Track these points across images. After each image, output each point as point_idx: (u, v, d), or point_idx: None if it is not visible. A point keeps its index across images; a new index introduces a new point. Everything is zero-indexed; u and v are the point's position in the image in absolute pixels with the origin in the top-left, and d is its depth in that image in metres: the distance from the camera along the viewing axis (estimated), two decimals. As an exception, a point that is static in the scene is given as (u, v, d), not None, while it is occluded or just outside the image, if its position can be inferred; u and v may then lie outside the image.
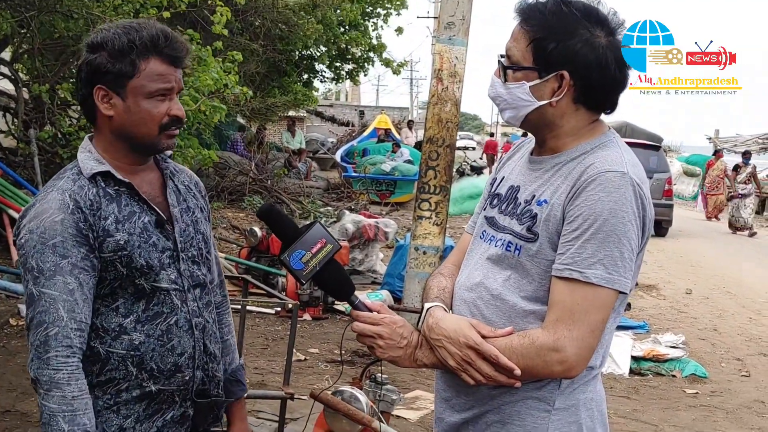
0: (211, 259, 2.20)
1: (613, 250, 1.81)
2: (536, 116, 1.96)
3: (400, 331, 1.95)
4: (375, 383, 3.29)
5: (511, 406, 1.95)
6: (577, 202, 1.84)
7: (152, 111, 1.97)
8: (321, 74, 19.83)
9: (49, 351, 1.84)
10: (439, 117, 7.36)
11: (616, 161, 1.87)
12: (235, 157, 16.56)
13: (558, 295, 1.85)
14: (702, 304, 10.45)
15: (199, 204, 2.19)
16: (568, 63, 1.88)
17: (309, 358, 6.52)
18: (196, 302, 2.08)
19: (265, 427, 4.81)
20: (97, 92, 1.96)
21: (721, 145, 28.88)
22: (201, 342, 2.07)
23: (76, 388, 1.85)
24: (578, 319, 1.81)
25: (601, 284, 1.81)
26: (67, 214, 1.88)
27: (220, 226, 12.45)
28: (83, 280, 1.89)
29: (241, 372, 2.33)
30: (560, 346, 1.81)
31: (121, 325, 1.96)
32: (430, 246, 7.44)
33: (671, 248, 15.50)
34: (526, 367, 1.84)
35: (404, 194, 17.90)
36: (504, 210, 2.03)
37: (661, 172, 17.14)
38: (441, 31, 7.43)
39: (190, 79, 8.00)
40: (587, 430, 1.96)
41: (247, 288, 5.26)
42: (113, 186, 1.98)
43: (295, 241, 1.93)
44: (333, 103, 38.48)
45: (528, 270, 1.93)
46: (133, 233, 1.95)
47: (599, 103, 1.97)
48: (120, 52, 1.93)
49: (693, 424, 5.90)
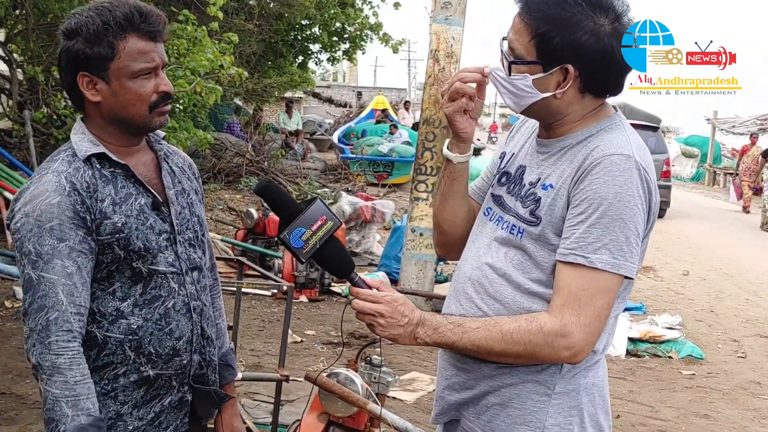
0: (206, 242, 2.18)
1: (618, 234, 1.79)
2: (540, 106, 1.93)
3: (401, 309, 1.92)
4: (371, 365, 3.28)
5: (511, 389, 1.94)
6: (582, 185, 1.82)
7: (139, 91, 1.93)
8: (316, 56, 19.71)
9: (50, 336, 1.81)
10: (436, 98, 7.32)
11: (622, 144, 1.85)
12: (231, 138, 16.49)
13: (563, 280, 1.83)
14: (699, 285, 10.46)
15: (193, 186, 2.16)
16: (572, 56, 1.85)
17: (305, 340, 6.51)
18: (194, 285, 2.06)
19: (260, 408, 4.81)
20: (81, 79, 1.93)
21: (720, 126, 28.87)
22: (199, 325, 2.06)
23: (78, 372, 1.83)
24: (585, 304, 1.80)
25: (607, 269, 1.79)
26: (64, 196, 1.85)
27: (217, 207, 12.43)
28: (81, 263, 1.86)
29: (231, 356, 2.32)
30: (567, 332, 1.80)
31: (118, 309, 1.94)
32: (427, 228, 7.43)
33: (669, 229, 15.50)
34: (533, 350, 1.83)
35: (402, 176, 17.84)
36: (511, 190, 2.02)
37: (659, 153, 17.08)
38: (438, 11, 7.38)
39: (185, 60, 7.96)
40: (588, 416, 1.95)
41: (242, 270, 5.25)
42: (108, 168, 1.95)
43: (295, 218, 1.88)
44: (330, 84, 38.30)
45: (530, 253, 1.92)
46: (130, 215, 1.93)
47: (606, 89, 1.95)
48: (96, 36, 1.89)
49: (689, 405, 5.91)
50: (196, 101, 8.36)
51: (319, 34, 17.78)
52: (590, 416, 1.95)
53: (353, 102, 31.85)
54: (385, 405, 3.24)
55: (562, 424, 1.92)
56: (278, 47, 17.09)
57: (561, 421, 1.92)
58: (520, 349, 1.84)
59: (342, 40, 18.44)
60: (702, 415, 5.71)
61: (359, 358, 3.35)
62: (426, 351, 6.52)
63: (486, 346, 1.87)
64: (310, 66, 20.21)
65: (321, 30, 17.55)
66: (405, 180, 17.41)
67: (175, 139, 8.23)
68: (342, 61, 21.47)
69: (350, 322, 7.02)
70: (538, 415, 1.92)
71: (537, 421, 1.92)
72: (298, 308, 7.45)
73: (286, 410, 4.61)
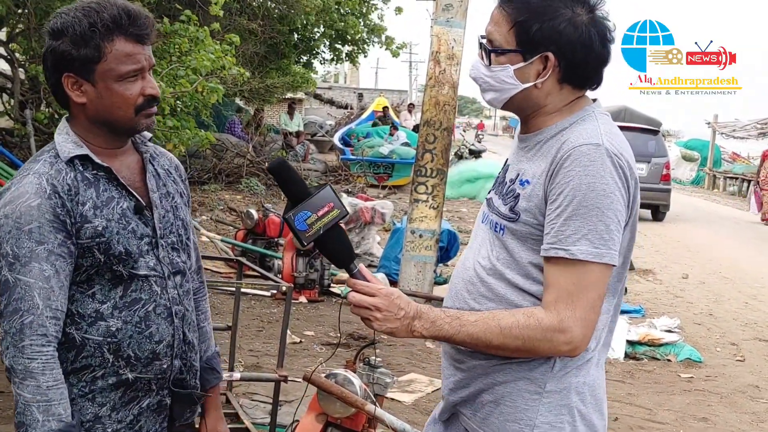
0: (191, 245, 2.15)
1: (597, 224, 1.80)
2: (521, 98, 1.95)
3: (397, 302, 1.91)
4: (369, 366, 3.29)
5: (503, 387, 1.95)
6: (556, 180, 1.84)
7: (125, 94, 1.90)
8: (320, 55, 19.73)
9: (24, 339, 1.79)
10: (437, 100, 7.34)
11: (591, 134, 1.86)
12: (232, 139, 16.50)
13: (551, 275, 1.85)
14: (698, 288, 10.46)
15: (178, 189, 2.13)
16: (552, 44, 1.87)
17: (304, 341, 6.52)
18: (176, 290, 2.03)
19: (259, 409, 4.81)
20: (66, 80, 1.89)
21: (720, 130, 28.87)
22: (180, 330, 2.03)
23: (50, 377, 1.80)
24: (577, 298, 1.81)
25: (589, 259, 1.80)
26: (44, 198, 1.82)
27: (218, 208, 12.44)
28: (60, 266, 1.83)
29: (216, 359, 2.28)
30: (566, 327, 1.82)
31: (97, 311, 1.90)
32: (427, 229, 7.44)
33: (668, 233, 15.51)
34: (532, 345, 1.85)
35: (402, 177, 17.85)
36: (498, 190, 2.05)
37: (659, 157, 17.10)
38: (439, 14, 7.40)
39: (187, 59, 7.97)
40: (579, 415, 1.94)
41: (242, 270, 5.26)
42: (91, 170, 1.92)
43: (303, 201, 1.88)
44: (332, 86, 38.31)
45: (512, 249, 1.94)
46: (111, 219, 1.90)
47: (584, 81, 1.96)
48: (82, 37, 1.85)
49: (687, 408, 5.92)
50: (198, 100, 8.37)
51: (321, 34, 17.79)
52: (582, 416, 1.95)
53: (354, 104, 31.88)
54: (383, 406, 3.25)
55: (553, 423, 1.92)
56: (281, 48, 17.10)
57: (552, 420, 1.92)
58: (519, 343, 1.85)
59: (344, 42, 18.46)
60: (700, 419, 5.72)
61: (358, 359, 3.36)
62: (425, 352, 6.52)
63: (484, 340, 1.87)
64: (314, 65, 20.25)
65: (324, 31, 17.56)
66: (405, 182, 17.42)
67: (177, 138, 8.24)
68: (344, 62, 21.47)
69: (349, 323, 7.02)
70: (528, 413, 1.93)
71: (528, 419, 1.92)
72: (297, 309, 7.46)
73: (284, 411, 4.62)
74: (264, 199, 13.45)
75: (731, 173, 27.92)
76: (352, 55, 19.11)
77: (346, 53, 19.12)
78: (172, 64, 7.99)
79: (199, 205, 12.29)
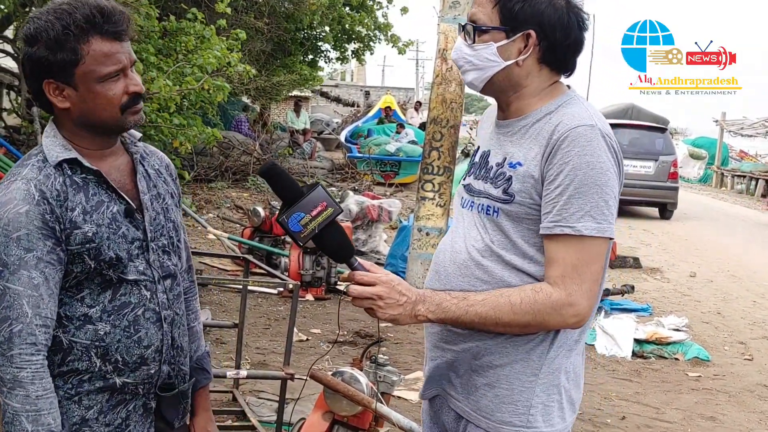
0: (182, 246, 2.12)
1: (597, 200, 1.88)
2: (502, 77, 2.02)
3: (398, 288, 1.94)
4: (375, 364, 3.28)
5: (499, 370, 2.00)
6: (555, 160, 1.90)
7: (108, 95, 1.85)
8: (326, 54, 19.71)
9: (12, 348, 1.76)
10: (443, 97, 7.32)
11: (583, 116, 1.94)
12: (239, 136, 16.52)
13: (555, 252, 1.91)
14: (706, 287, 10.43)
15: (169, 189, 2.09)
16: (534, 22, 1.96)
17: (311, 339, 6.51)
18: (165, 294, 1.99)
19: (265, 406, 4.81)
20: (47, 86, 1.85)
21: (728, 128, 28.77)
22: (169, 335, 1.99)
23: (40, 387, 1.77)
24: (583, 272, 1.89)
25: (593, 234, 1.88)
26: (33, 205, 1.79)
27: (224, 205, 12.44)
28: (49, 274, 1.80)
29: (207, 359, 2.25)
30: (574, 301, 1.89)
31: (86, 314, 1.87)
32: (433, 227, 7.43)
33: (676, 231, 15.46)
34: (542, 320, 1.91)
35: (409, 175, 17.83)
36: (478, 175, 2.10)
37: (666, 155, 17.02)
38: (446, 11, 7.38)
39: (193, 57, 7.98)
40: (564, 392, 2.04)
41: (248, 268, 5.25)
42: (80, 174, 1.88)
43: (296, 203, 1.90)
44: (338, 84, 38.33)
45: (507, 230, 1.99)
46: (101, 224, 1.86)
47: (562, 64, 2.04)
48: (56, 41, 1.80)
49: (695, 407, 5.89)
50: (204, 98, 8.38)
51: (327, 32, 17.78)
52: (567, 392, 2.04)
53: (361, 101, 31.87)
54: (389, 404, 3.24)
55: (546, 402, 2.00)
56: (287, 46, 17.10)
57: (545, 400, 2.00)
58: (529, 318, 1.90)
59: (351, 40, 18.44)
60: (708, 418, 5.69)
61: (364, 357, 3.35)
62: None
63: (494, 318, 1.92)
64: (319, 64, 20.23)
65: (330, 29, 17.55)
66: (412, 179, 17.41)
67: (183, 136, 8.25)
68: (350, 60, 21.47)
69: (356, 321, 7.02)
70: (525, 394, 1.99)
71: (525, 400, 1.99)
72: (304, 306, 7.46)
73: (290, 408, 4.61)
74: (271, 196, 13.45)
75: (739, 171, 27.81)
76: (358, 52, 19.09)
77: (352, 51, 19.10)
78: (179, 62, 7.99)
79: (206, 203, 12.30)
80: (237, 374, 4.25)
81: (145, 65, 7.38)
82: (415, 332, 6.90)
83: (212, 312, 6.68)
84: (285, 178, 1.95)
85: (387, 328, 6.91)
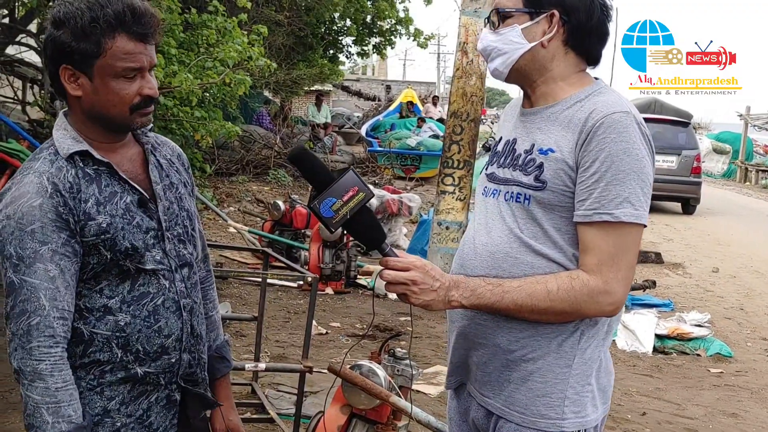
0: (197, 235, 2.12)
1: (635, 187, 1.87)
2: (527, 60, 2.02)
3: (432, 274, 1.93)
4: (394, 358, 3.28)
5: (532, 363, 1.99)
6: (590, 147, 1.89)
7: (121, 93, 1.86)
8: (347, 49, 19.70)
9: (31, 341, 1.77)
10: (464, 90, 7.30)
11: (618, 103, 1.93)
12: (260, 130, 16.56)
13: (591, 240, 1.90)
14: (729, 282, 10.34)
15: (182, 179, 2.09)
16: (557, 3, 1.97)
17: (330, 332, 6.52)
18: (183, 282, 2.00)
19: (284, 399, 4.82)
20: (63, 72, 1.85)
21: (753, 122, 28.46)
22: (189, 324, 2.00)
23: (59, 378, 1.78)
24: (619, 260, 1.89)
25: (631, 221, 1.88)
26: (46, 198, 1.79)
27: (245, 199, 12.49)
28: (64, 266, 1.81)
29: (227, 348, 2.26)
30: (611, 289, 1.89)
31: (106, 305, 1.88)
32: (453, 221, 7.40)
33: (699, 226, 15.33)
34: (579, 307, 1.91)
35: (429, 169, 17.78)
36: (503, 163, 2.09)
37: (689, 149, 16.86)
38: (467, 4, 7.35)
39: (214, 51, 7.99)
40: (596, 381, 2.02)
41: (268, 261, 5.27)
42: (92, 165, 1.88)
43: (327, 188, 1.88)
44: (360, 78, 38.32)
45: (538, 219, 1.97)
46: (115, 215, 1.87)
47: (587, 49, 2.04)
48: (83, 31, 1.80)
49: (717, 403, 5.84)
50: (225, 92, 8.39)
51: (349, 26, 17.77)
52: (598, 383, 2.03)
53: (382, 95, 31.85)
54: (407, 398, 3.24)
55: (580, 393, 1.99)
56: (308, 40, 17.10)
57: (579, 390, 1.99)
58: (566, 305, 1.90)
59: (372, 34, 18.41)
60: (730, 414, 5.64)
61: (383, 351, 3.35)
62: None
63: (530, 305, 1.91)
64: (340, 59, 20.21)
65: (351, 23, 17.54)
66: (432, 174, 17.37)
67: (204, 129, 8.27)
68: (370, 56, 21.44)
69: (375, 315, 7.02)
70: (560, 386, 1.98)
71: (559, 392, 1.98)
72: (324, 300, 7.47)
73: (309, 401, 4.62)
74: (291, 190, 13.49)
75: (763, 166, 27.52)
76: (379, 47, 19.06)
77: (373, 45, 19.07)
78: (200, 56, 8.01)
79: (227, 197, 12.35)
80: (256, 367, 4.26)
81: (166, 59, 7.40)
82: (434, 326, 6.90)
83: (232, 305, 6.70)
84: (315, 163, 1.94)
85: (405, 322, 6.91)
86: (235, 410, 2.30)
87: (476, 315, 2.03)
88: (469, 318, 2.06)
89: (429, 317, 7.14)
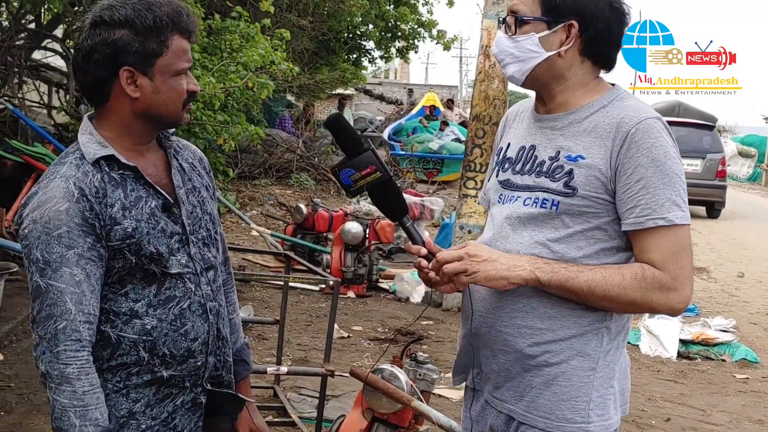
0: (219, 239, 2.14)
1: (678, 188, 1.90)
2: (544, 69, 2.01)
3: (484, 248, 1.98)
4: (416, 362, 3.27)
5: (556, 368, 1.98)
6: (630, 153, 1.89)
7: (179, 89, 1.91)
8: (369, 53, 19.72)
9: (58, 345, 1.78)
10: (486, 94, 7.29)
11: (645, 109, 1.96)
12: (283, 134, 16.62)
13: (649, 244, 1.91)
14: (755, 287, 10.23)
15: (204, 182, 2.11)
16: (575, 13, 1.95)
17: (352, 336, 6.53)
18: (209, 285, 2.02)
19: (306, 403, 4.83)
20: (123, 74, 1.85)
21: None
22: (215, 327, 2.02)
23: (86, 382, 1.80)
24: (681, 258, 1.91)
25: (683, 222, 1.91)
26: (72, 202, 1.80)
27: (267, 202, 12.53)
28: (90, 270, 1.82)
29: (246, 351, 2.27)
30: (679, 286, 1.90)
31: (132, 309, 1.89)
32: (475, 225, 7.39)
33: (724, 230, 15.19)
34: (649, 299, 1.91)
35: (452, 173, 17.73)
36: (520, 170, 2.07)
37: (714, 153, 16.73)
38: (489, 8, 7.34)
39: (237, 56, 8.04)
40: (617, 383, 2.03)
41: (290, 264, 5.28)
42: (117, 170, 1.89)
43: (350, 159, 2.02)
44: (382, 81, 38.35)
45: (567, 223, 1.97)
46: (140, 220, 1.88)
47: (603, 57, 2.03)
48: (150, 30, 1.84)
49: (742, 409, 5.78)
50: (248, 96, 8.43)
51: (371, 30, 17.79)
52: (619, 385, 2.04)
53: (404, 99, 31.83)
54: (429, 402, 3.23)
55: (604, 395, 1.99)
56: (331, 44, 17.15)
57: (603, 393, 1.99)
58: (637, 296, 1.90)
59: (395, 38, 18.43)
60: (756, 421, 5.58)
61: (404, 355, 3.35)
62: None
63: (602, 288, 1.90)
64: (363, 63, 20.25)
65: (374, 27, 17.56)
66: (455, 177, 17.32)
67: (227, 133, 8.31)
68: (393, 59, 21.47)
69: (397, 319, 7.02)
70: (584, 389, 1.97)
71: (584, 395, 1.97)
72: (346, 304, 7.47)
73: (331, 405, 4.63)
74: (313, 194, 13.52)
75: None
76: (402, 51, 19.07)
77: (397, 49, 19.08)
78: (223, 60, 8.06)
79: (249, 200, 12.40)
80: (278, 370, 4.27)
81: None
82: (456, 330, 6.88)
83: (254, 308, 6.73)
84: (348, 130, 2.07)
85: (427, 326, 6.90)
86: (257, 411, 2.30)
87: (497, 322, 2.02)
88: (488, 326, 2.05)
89: (450, 321, 7.12)
